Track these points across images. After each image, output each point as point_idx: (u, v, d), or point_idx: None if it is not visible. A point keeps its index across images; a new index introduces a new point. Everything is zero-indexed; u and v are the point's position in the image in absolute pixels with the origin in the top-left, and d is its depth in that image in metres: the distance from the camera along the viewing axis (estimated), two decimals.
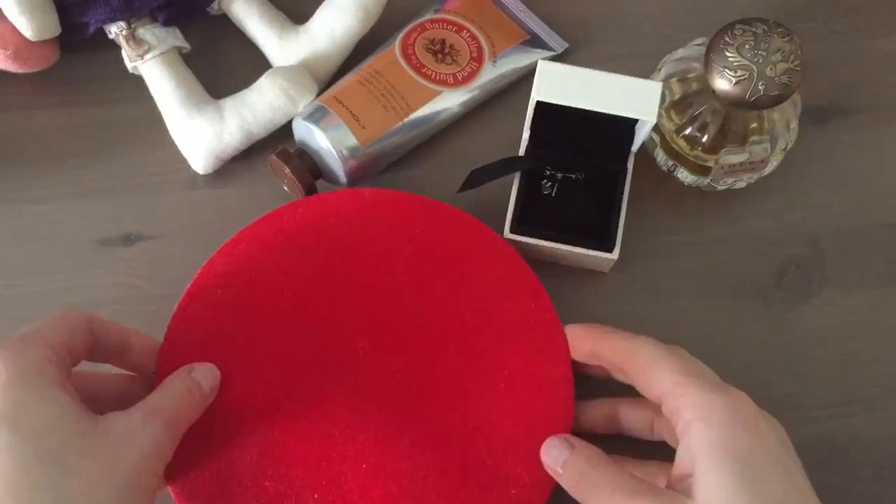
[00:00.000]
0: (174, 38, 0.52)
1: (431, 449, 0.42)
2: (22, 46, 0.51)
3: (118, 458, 0.35)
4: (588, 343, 0.43)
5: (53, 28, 0.51)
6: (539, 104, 0.45)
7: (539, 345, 0.44)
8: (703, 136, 0.47)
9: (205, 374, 0.42)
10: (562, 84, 0.44)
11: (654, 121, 0.44)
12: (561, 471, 0.40)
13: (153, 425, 0.37)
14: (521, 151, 0.50)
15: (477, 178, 0.48)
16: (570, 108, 0.45)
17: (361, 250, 0.46)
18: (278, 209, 0.47)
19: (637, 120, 0.46)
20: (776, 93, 0.43)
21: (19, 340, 0.36)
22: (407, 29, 0.53)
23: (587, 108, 0.44)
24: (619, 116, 0.45)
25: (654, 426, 0.42)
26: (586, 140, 0.48)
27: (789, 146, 0.49)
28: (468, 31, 0.54)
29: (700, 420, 0.35)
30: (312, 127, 0.50)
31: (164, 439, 0.37)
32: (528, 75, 0.54)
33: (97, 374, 0.42)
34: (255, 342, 0.44)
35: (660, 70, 0.49)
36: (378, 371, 0.44)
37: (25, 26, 0.49)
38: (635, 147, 0.48)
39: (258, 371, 0.43)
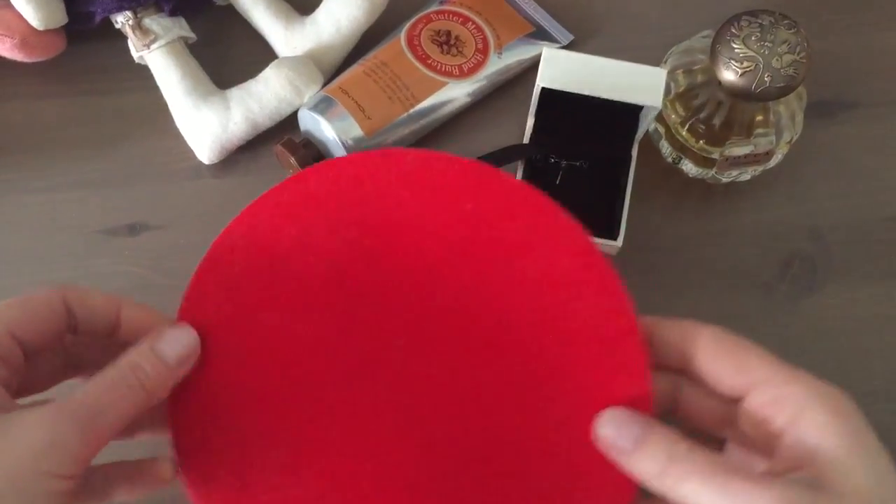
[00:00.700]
0: (180, 28, 0.52)
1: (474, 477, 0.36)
2: (28, 35, 0.51)
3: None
4: (658, 331, 0.37)
5: (60, 17, 0.51)
6: (544, 92, 0.45)
7: (614, 355, 0.36)
8: (708, 128, 0.47)
9: (172, 343, 0.36)
10: (566, 71, 0.44)
11: (659, 107, 0.44)
12: (631, 448, 0.33)
13: (54, 421, 0.32)
14: (526, 139, 0.50)
15: None
16: (574, 95, 0.45)
17: (401, 227, 0.38)
18: (304, 171, 0.40)
19: (642, 107, 0.46)
20: (782, 84, 0.43)
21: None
22: (413, 20, 0.53)
23: (592, 94, 0.44)
24: (623, 103, 0.45)
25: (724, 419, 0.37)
26: (591, 128, 0.48)
27: (794, 139, 0.49)
28: (474, 22, 0.54)
29: (823, 412, 0.32)
30: (318, 117, 0.50)
31: (67, 437, 0.32)
32: (533, 67, 0.54)
33: None
34: (274, 331, 0.38)
35: (666, 62, 0.50)
36: (418, 376, 0.37)
37: (32, 15, 0.49)
38: (640, 135, 0.48)
39: (279, 364, 0.37)
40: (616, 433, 0.34)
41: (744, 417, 0.35)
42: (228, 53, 0.55)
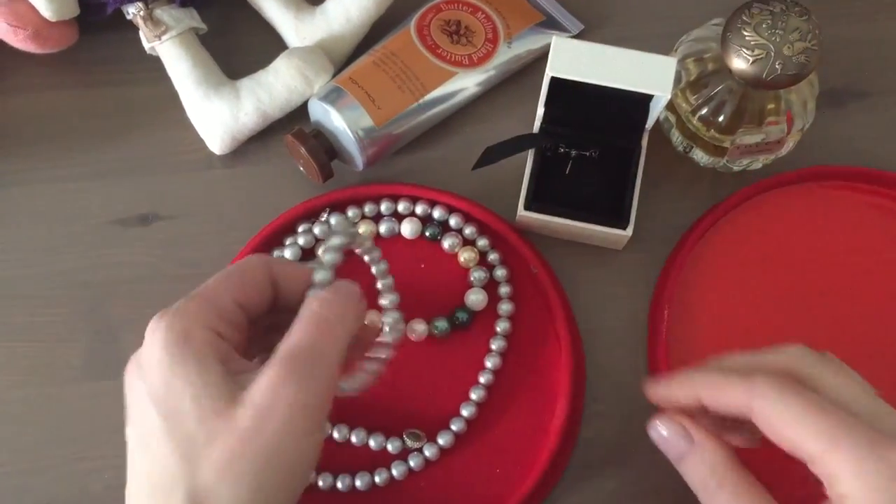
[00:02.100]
0: (191, 18, 0.52)
1: None
2: (41, 27, 0.51)
3: (249, 437, 0.31)
4: (688, 393, 0.36)
5: (72, 8, 0.51)
6: (553, 81, 0.45)
7: None
8: (719, 117, 0.47)
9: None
10: (576, 60, 0.44)
11: (668, 96, 0.44)
12: (677, 458, 0.35)
13: (292, 379, 0.31)
14: (536, 129, 0.50)
15: (491, 155, 0.48)
16: (584, 84, 0.45)
17: None
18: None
19: (652, 96, 0.46)
20: (793, 72, 0.43)
21: (181, 307, 0.33)
22: (422, 10, 0.53)
23: (602, 83, 0.44)
24: (633, 92, 0.44)
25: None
26: (601, 117, 0.48)
27: (806, 127, 0.48)
28: (483, 12, 0.54)
29: (864, 491, 0.31)
30: (328, 107, 0.50)
31: (310, 391, 0.31)
32: (543, 57, 0.54)
33: None
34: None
35: (676, 50, 0.49)
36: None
37: (44, 6, 0.50)
38: (650, 124, 0.48)
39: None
40: (663, 443, 0.36)
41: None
42: (239, 44, 0.55)
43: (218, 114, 0.51)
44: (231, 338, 0.34)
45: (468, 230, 0.50)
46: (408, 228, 0.50)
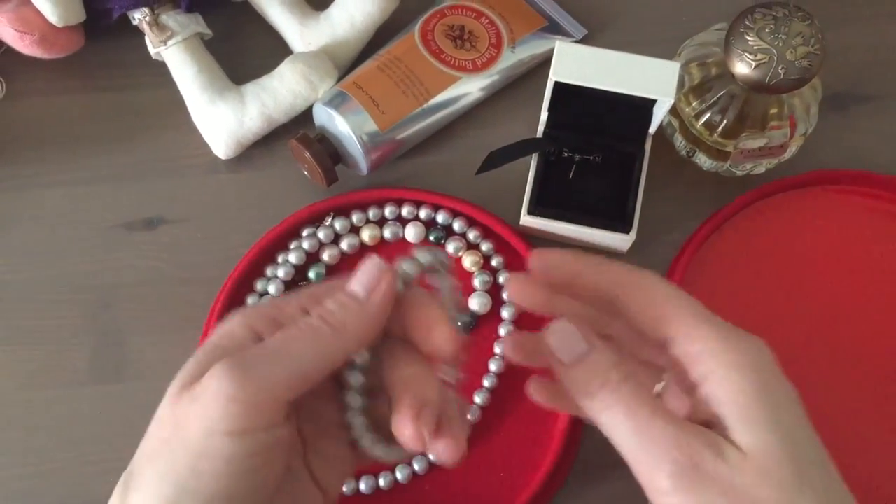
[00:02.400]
0: (196, 24, 0.53)
1: None
2: (48, 32, 0.51)
3: (178, 423, 0.29)
4: (568, 267, 0.34)
5: (78, 14, 0.51)
6: (557, 85, 0.46)
7: None
8: (722, 121, 0.47)
9: (358, 276, 0.31)
10: (580, 65, 0.45)
11: (672, 100, 0.44)
12: (569, 363, 0.33)
13: (221, 376, 0.28)
14: (539, 133, 0.50)
15: (495, 159, 0.48)
16: (588, 89, 0.45)
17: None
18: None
19: (655, 101, 0.46)
20: (796, 77, 0.43)
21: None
22: (426, 15, 0.54)
23: (605, 88, 0.44)
24: (637, 97, 0.45)
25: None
26: (604, 122, 0.48)
27: (809, 131, 0.49)
28: (487, 17, 0.54)
29: (726, 367, 0.31)
30: (332, 112, 0.50)
31: (235, 388, 0.28)
32: (546, 61, 0.54)
33: None
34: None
35: (680, 55, 0.49)
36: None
37: (51, 12, 0.50)
38: (653, 128, 0.49)
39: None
40: (558, 345, 0.33)
41: (669, 361, 0.34)
42: (244, 49, 0.56)
43: (223, 118, 0.51)
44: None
45: (472, 234, 0.50)
46: (412, 232, 0.50)
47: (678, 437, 0.30)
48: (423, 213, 0.51)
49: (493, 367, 0.48)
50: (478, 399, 0.47)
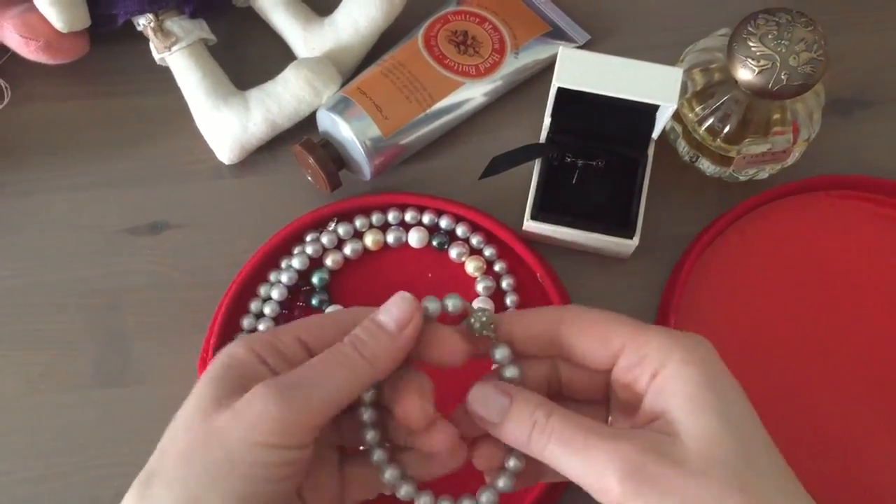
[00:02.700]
0: (201, 30, 0.53)
1: None
2: (53, 38, 0.52)
3: (215, 435, 0.31)
4: (520, 328, 0.36)
5: (83, 20, 0.52)
6: (560, 91, 0.46)
7: None
8: (725, 127, 0.47)
9: (391, 309, 0.34)
10: (583, 70, 0.45)
11: (675, 106, 0.44)
12: (498, 421, 0.34)
13: (262, 395, 0.31)
14: (543, 139, 0.50)
15: (498, 164, 0.48)
16: (591, 94, 0.45)
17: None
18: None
19: (658, 106, 0.46)
20: (799, 83, 0.43)
21: (253, 337, 0.33)
22: (430, 21, 0.54)
23: (608, 94, 0.44)
24: (639, 102, 0.45)
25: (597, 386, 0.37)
26: (607, 127, 0.48)
27: (812, 137, 0.49)
28: (490, 22, 0.54)
29: (674, 362, 0.33)
30: (336, 117, 0.50)
31: (274, 408, 0.31)
32: (549, 67, 0.54)
33: None
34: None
35: (683, 60, 0.50)
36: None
37: (56, 18, 0.50)
38: (656, 134, 0.49)
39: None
40: (484, 409, 0.34)
41: (616, 385, 0.35)
42: (248, 55, 0.56)
43: (227, 124, 0.52)
44: (277, 366, 0.34)
45: (475, 239, 0.50)
46: (415, 238, 0.50)
47: (616, 448, 0.31)
48: (426, 219, 0.51)
49: None
50: None
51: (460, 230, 0.50)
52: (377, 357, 0.33)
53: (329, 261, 0.50)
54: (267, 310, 0.50)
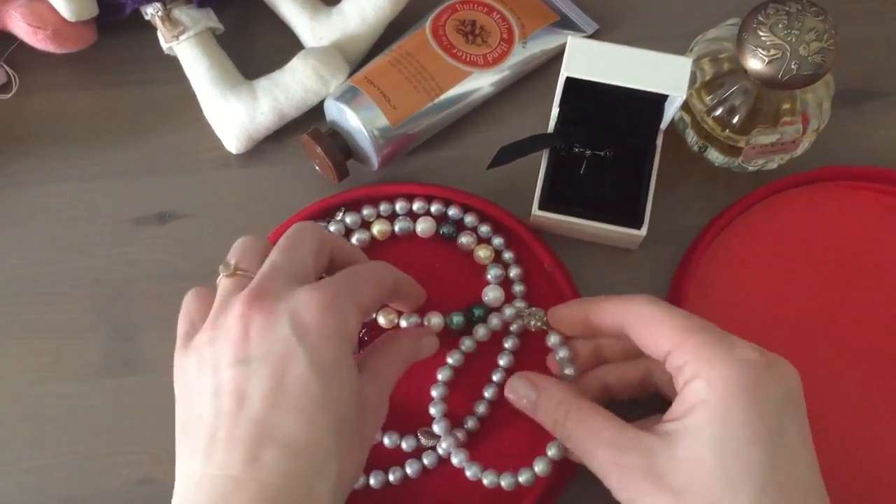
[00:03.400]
0: (208, 19, 0.53)
1: None
2: (60, 27, 0.52)
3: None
4: (579, 314, 0.43)
5: (91, 9, 0.52)
6: (568, 81, 0.45)
7: None
8: (734, 117, 0.47)
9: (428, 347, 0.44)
10: (591, 60, 0.45)
11: (684, 96, 0.44)
12: (529, 410, 0.42)
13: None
14: (551, 129, 0.50)
15: (506, 154, 0.48)
16: (599, 84, 0.45)
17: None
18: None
19: (667, 96, 0.46)
20: (809, 72, 0.43)
21: (343, 294, 0.37)
22: (438, 10, 0.54)
23: (617, 83, 0.44)
24: (648, 92, 0.45)
25: (649, 381, 0.43)
26: (615, 117, 0.48)
27: (821, 127, 0.48)
28: (498, 12, 0.54)
29: (700, 378, 0.35)
30: (344, 107, 0.50)
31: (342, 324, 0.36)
32: (558, 56, 0.54)
33: None
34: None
35: (691, 50, 0.49)
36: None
37: (64, 7, 0.50)
38: (664, 124, 0.48)
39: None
40: (515, 397, 0.43)
41: (662, 382, 0.41)
42: (255, 44, 0.56)
43: (235, 113, 0.52)
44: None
45: (483, 229, 0.50)
46: (423, 227, 0.50)
47: (621, 461, 0.36)
48: (434, 209, 0.51)
49: (502, 361, 0.48)
50: (486, 393, 0.47)
51: (468, 220, 0.50)
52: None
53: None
54: None
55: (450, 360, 0.47)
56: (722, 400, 0.34)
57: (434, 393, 0.47)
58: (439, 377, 0.47)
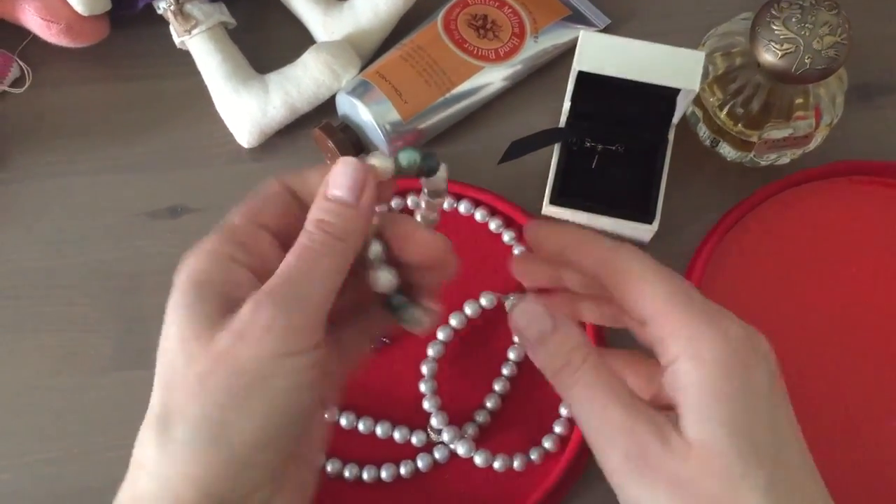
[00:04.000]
0: (220, 13, 0.53)
1: None
2: (74, 21, 0.52)
3: (222, 357, 0.30)
4: (556, 241, 0.37)
5: (104, 3, 0.52)
6: (580, 75, 0.45)
7: None
8: (746, 111, 0.47)
9: (339, 179, 0.32)
10: (603, 54, 0.44)
11: (696, 90, 0.44)
12: (536, 343, 0.34)
13: (256, 310, 0.30)
14: (562, 123, 0.50)
15: (517, 149, 0.48)
16: (611, 79, 0.45)
17: None
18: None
19: (679, 90, 0.46)
20: (822, 66, 0.43)
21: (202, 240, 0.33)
22: (449, 4, 0.54)
23: (629, 78, 0.44)
24: (660, 86, 0.44)
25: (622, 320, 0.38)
26: (627, 112, 0.48)
27: (834, 122, 0.48)
28: (510, 6, 0.54)
29: (687, 358, 0.32)
30: (355, 101, 0.50)
31: (289, 314, 0.30)
32: (569, 51, 0.54)
33: None
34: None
35: (704, 45, 0.49)
36: None
37: (77, 1, 0.50)
38: (676, 118, 0.48)
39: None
40: (525, 325, 0.34)
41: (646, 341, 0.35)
42: (268, 38, 0.56)
43: (246, 107, 0.52)
44: (247, 261, 0.33)
45: (493, 224, 0.50)
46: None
47: (629, 424, 0.31)
48: (445, 203, 0.51)
49: (511, 355, 0.48)
50: (496, 387, 0.47)
51: (479, 214, 0.50)
52: (349, 233, 0.32)
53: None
54: None
55: (440, 336, 0.47)
56: (715, 384, 0.31)
57: (423, 387, 0.47)
58: (427, 371, 0.47)
